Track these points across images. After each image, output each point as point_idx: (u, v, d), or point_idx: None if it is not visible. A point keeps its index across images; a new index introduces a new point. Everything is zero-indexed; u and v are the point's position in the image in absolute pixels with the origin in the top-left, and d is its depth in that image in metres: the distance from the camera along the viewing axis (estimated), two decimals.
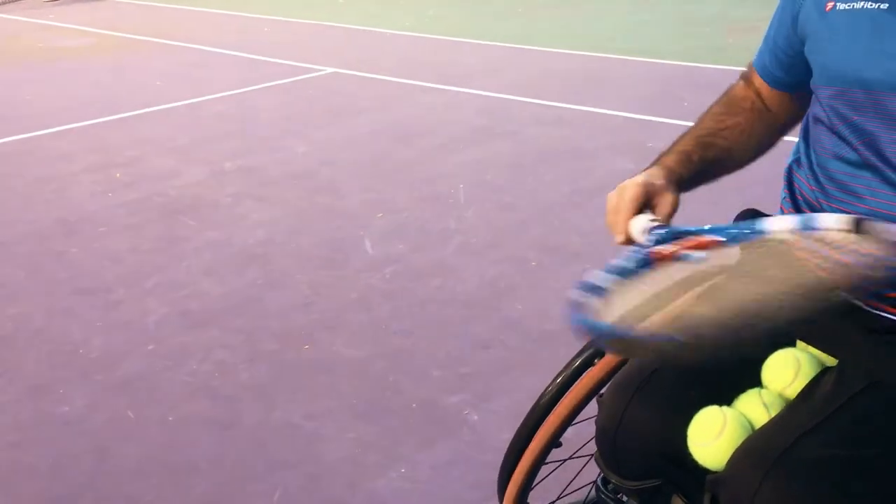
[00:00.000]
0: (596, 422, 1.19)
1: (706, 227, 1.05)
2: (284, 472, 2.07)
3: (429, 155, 4.59)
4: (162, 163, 4.61)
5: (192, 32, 9.07)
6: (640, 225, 1.12)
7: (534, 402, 1.38)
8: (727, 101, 1.35)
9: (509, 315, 2.80)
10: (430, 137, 4.91)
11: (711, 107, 1.36)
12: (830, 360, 1.11)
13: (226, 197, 4.03)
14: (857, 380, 1.04)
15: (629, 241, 1.13)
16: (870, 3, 1.09)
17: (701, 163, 1.25)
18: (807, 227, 0.98)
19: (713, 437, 1.05)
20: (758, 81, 1.35)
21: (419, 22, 9.39)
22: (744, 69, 1.41)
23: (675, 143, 1.29)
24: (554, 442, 1.33)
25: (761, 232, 1.02)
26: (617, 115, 5.21)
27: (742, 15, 8.64)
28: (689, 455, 1.07)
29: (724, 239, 1.03)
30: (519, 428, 1.37)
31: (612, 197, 1.18)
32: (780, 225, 1.01)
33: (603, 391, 1.24)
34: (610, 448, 1.16)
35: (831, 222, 0.96)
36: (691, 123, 1.39)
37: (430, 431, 2.20)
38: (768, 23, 1.33)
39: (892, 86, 1.06)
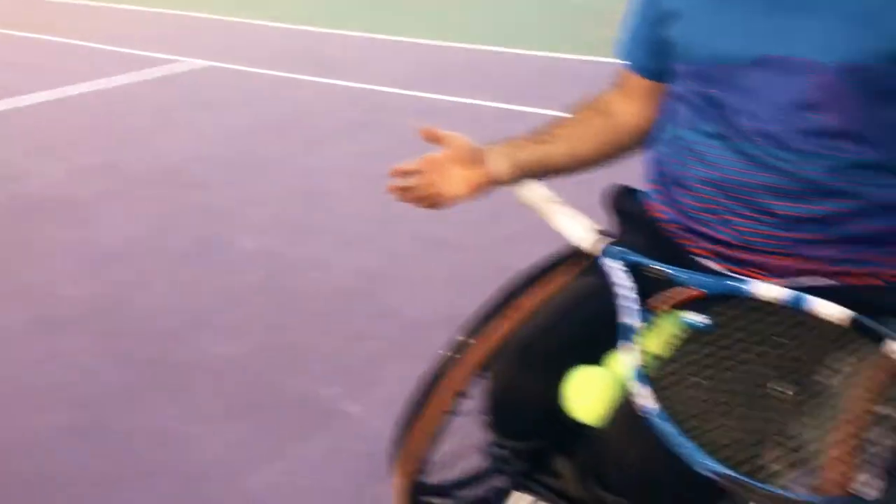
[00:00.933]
0: (485, 390, 1.23)
1: (672, 271, 1.12)
2: (156, 478, 2.01)
3: (302, 148, 4.53)
4: (19, 161, 4.37)
5: (51, 23, 8.61)
6: (581, 232, 1.24)
7: (407, 390, 1.41)
8: (588, 107, 1.43)
9: (384, 306, 2.81)
10: (304, 131, 4.85)
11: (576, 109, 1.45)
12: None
13: (89, 195, 3.86)
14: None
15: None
16: None
17: (528, 145, 1.37)
18: (796, 304, 1.03)
19: (586, 393, 1.12)
20: (624, 75, 1.40)
21: (292, 13, 9.24)
22: (616, 71, 1.45)
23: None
24: (463, 390, 1.36)
25: (745, 292, 1.07)
26: (490, 106, 5.29)
27: (612, 6, 8.94)
28: (571, 414, 1.14)
29: (706, 291, 1.10)
30: (425, 378, 1.40)
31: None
32: (767, 291, 1.06)
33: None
34: (499, 414, 1.21)
35: (828, 310, 1.01)
36: (562, 114, 1.47)
37: (306, 425, 2.19)
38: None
39: (745, 60, 1.13)
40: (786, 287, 1.07)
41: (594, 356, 1.16)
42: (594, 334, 1.18)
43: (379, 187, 4.07)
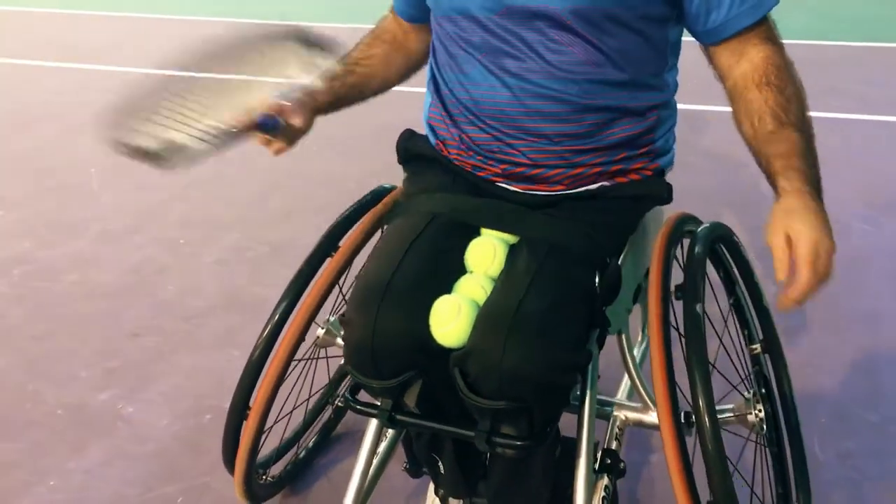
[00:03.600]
0: (346, 339, 1.25)
1: None
2: None
3: (53, 141, 4.19)
4: None
5: None
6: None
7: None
8: (374, 33, 1.60)
9: (160, 298, 2.68)
10: (54, 122, 4.48)
11: (363, 38, 1.60)
12: (512, 238, 1.32)
13: None
14: (540, 246, 1.26)
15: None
16: None
17: (343, 87, 1.48)
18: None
19: (453, 319, 1.18)
20: (398, 24, 1.59)
21: None
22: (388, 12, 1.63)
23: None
24: (301, 338, 1.46)
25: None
26: (264, 80, 5.13)
27: None
28: (434, 343, 1.20)
29: None
30: (252, 353, 1.47)
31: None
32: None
33: (343, 312, 1.33)
34: (369, 358, 1.22)
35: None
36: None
37: (81, 435, 2.05)
38: None
39: (492, 11, 1.29)
40: (568, 192, 1.34)
41: (443, 286, 1.25)
42: (433, 269, 1.27)
43: (143, 176, 3.88)
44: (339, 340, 1.65)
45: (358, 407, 1.31)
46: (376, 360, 1.22)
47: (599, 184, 1.36)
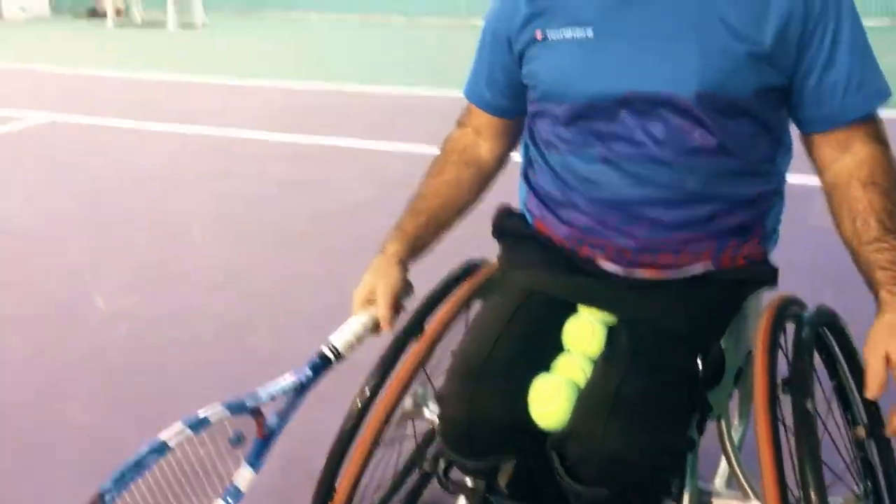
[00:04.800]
0: (441, 416, 1.25)
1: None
2: None
3: (161, 199, 4.41)
4: None
5: None
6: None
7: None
8: (440, 159, 1.51)
9: (256, 351, 2.76)
10: (161, 182, 4.72)
11: (430, 167, 1.52)
12: (609, 318, 1.29)
13: None
14: (640, 328, 1.24)
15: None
16: (576, 32, 1.28)
17: (417, 229, 1.46)
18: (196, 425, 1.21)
19: (553, 399, 1.17)
20: (478, 118, 1.50)
21: (137, 62, 9.00)
22: (460, 114, 1.55)
23: (401, 217, 1.49)
24: (387, 420, 1.43)
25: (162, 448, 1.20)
26: (355, 146, 5.31)
27: (465, 41, 9.18)
28: (531, 423, 1.19)
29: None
30: (342, 425, 1.47)
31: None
32: (171, 433, 1.21)
33: (441, 387, 1.30)
34: (465, 436, 1.21)
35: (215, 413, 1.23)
36: (426, 148, 1.53)
37: None
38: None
39: (616, 96, 1.26)
40: (673, 276, 1.31)
41: (540, 364, 1.24)
42: (531, 347, 1.26)
43: (244, 230, 4.01)
44: (426, 412, 1.64)
45: (451, 486, 1.29)
46: (472, 439, 1.21)
47: (705, 267, 1.34)
